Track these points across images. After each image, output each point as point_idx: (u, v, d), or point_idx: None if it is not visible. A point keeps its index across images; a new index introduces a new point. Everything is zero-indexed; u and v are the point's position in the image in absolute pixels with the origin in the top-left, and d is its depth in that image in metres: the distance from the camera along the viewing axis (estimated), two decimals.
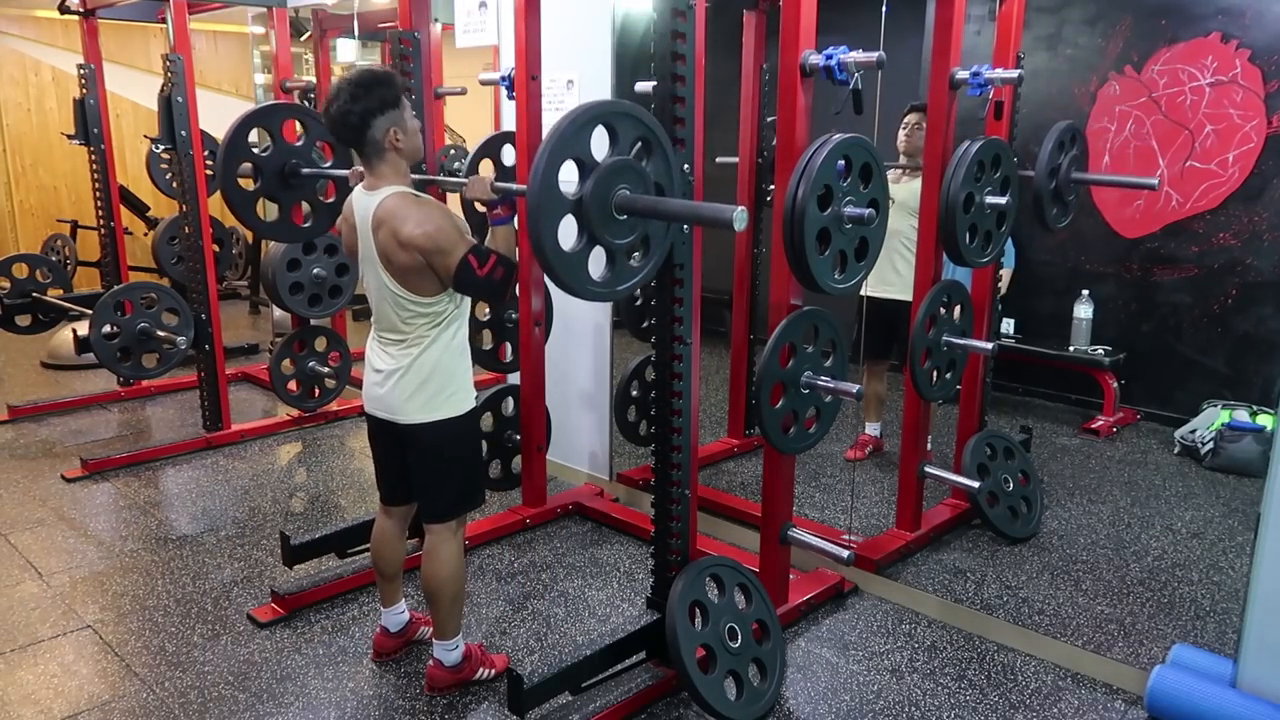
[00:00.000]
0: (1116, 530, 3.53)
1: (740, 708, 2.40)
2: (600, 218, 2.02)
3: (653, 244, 2.17)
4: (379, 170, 2.27)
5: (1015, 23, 3.19)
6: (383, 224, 2.22)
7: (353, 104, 2.18)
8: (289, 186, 3.22)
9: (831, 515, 3.65)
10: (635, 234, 2.11)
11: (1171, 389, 4.55)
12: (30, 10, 7.46)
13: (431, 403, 2.35)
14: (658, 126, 2.13)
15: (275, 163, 3.19)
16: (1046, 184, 3.24)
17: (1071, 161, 3.31)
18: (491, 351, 3.66)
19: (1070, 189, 3.35)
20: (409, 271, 2.23)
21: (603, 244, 2.06)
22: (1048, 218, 3.31)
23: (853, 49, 2.49)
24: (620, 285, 2.14)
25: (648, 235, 2.15)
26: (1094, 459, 4.27)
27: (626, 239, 2.09)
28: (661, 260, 2.23)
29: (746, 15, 3.81)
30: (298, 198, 3.30)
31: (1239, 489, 3.89)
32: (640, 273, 2.17)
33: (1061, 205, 3.36)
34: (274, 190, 3.21)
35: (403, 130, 2.25)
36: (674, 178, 2.17)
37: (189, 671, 2.65)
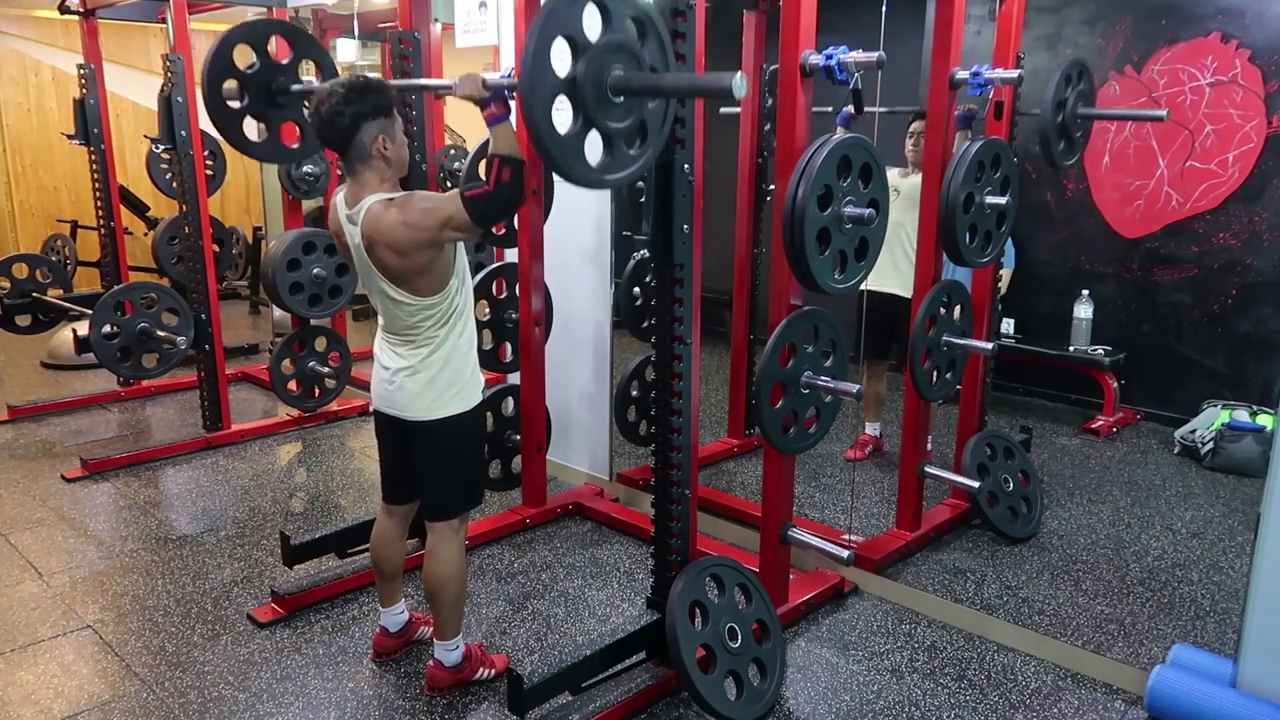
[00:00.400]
0: (1116, 530, 3.53)
1: (740, 708, 2.40)
2: (595, 99, 1.95)
3: (650, 130, 2.10)
4: (362, 177, 2.24)
5: (1015, 23, 3.19)
6: (374, 243, 2.21)
7: (345, 106, 2.17)
8: (276, 105, 3.08)
9: (831, 515, 3.65)
10: (631, 118, 2.03)
11: (1171, 389, 4.55)
12: (30, 10, 7.46)
13: (441, 398, 2.35)
14: (652, 9, 2.06)
15: (262, 80, 3.06)
16: (1053, 119, 3.16)
17: (1078, 96, 3.24)
18: (491, 351, 3.66)
19: (1077, 124, 3.28)
20: (410, 274, 2.23)
21: (599, 127, 1.99)
22: (1054, 154, 3.24)
23: (853, 49, 2.49)
24: (618, 173, 2.06)
25: (644, 121, 2.08)
26: (1094, 459, 4.27)
27: (623, 123, 2.02)
28: (659, 150, 2.16)
29: (746, 15, 3.81)
30: (286, 116, 3.17)
31: (1239, 489, 3.89)
32: (638, 161, 2.10)
33: (1068, 141, 3.29)
34: (261, 109, 3.08)
35: (391, 139, 2.23)
36: (669, 63, 2.09)
37: (189, 671, 2.65)
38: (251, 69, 3.08)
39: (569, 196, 3.71)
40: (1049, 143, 3.21)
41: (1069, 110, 3.23)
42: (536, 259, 3.39)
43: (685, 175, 2.31)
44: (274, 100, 3.07)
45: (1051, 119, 3.17)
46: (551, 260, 3.48)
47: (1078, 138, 3.33)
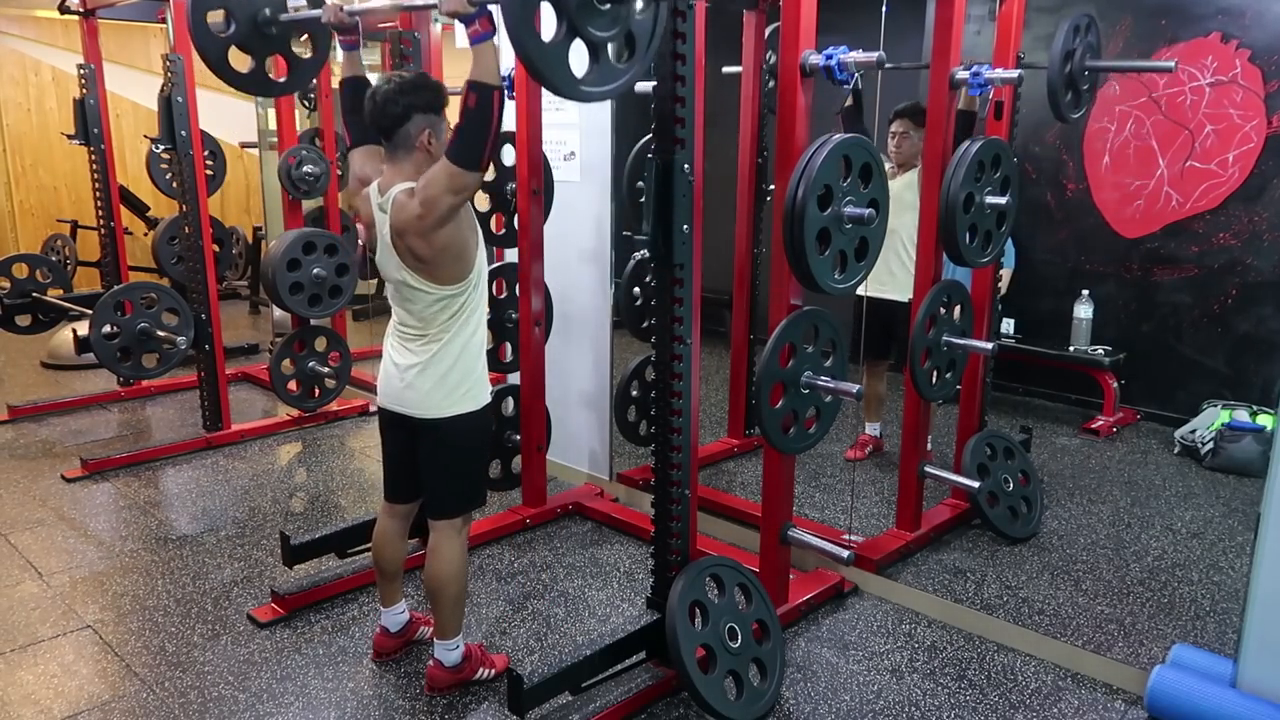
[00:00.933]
0: (1116, 530, 3.53)
1: (740, 708, 2.40)
2: (579, 4, 1.93)
3: (638, 43, 2.08)
4: (400, 166, 2.28)
5: (1015, 23, 3.19)
6: (405, 233, 2.23)
7: (400, 95, 2.23)
8: (263, 35, 2.97)
9: (831, 515, 3.65)
10: (618, 27, 2.01)
11: (1171, 389, 4.55)
12: (30, 10, 7.46)
13: (451, 397, 2.36)
14: None
15: (249, 7, 2.94)
16: (1060, 69, 3.13)
17: (1086, 48, 3.21)
18: (491, 351, 3.66)
19: (1084, 77, 3.25)
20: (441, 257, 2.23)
21: (583, 35, 1.96)
22: (1061, 106, 3.20)
23: (853, 49, 2.49)
24: (606, 85, 2.04)
25: (631, 32, 2.05)
26: (1094, 459, 4.27)
27: (609, 31, 2.00)
28: (647, 63, 2.13)
29: (746, 15, 3.81)
30: (273, 48, 3.06)
31: (1239, 489, 3.89)
32: (627, 74, 2.07)
33: (1075, 94, 3.25)
34: (247, 38, 2.96)
35: (437, 137, 2.28)
36: None
37: (189, 671, 2.65)
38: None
39: (569, 196, 3.72)
40: (1056, 94, 3.16)
41: (1076, 61, 3.19)
42: (536, 259, 3.39)
43: (685, 175, 2.31)
44: (261, 30, 2.95)
45: (1059, 70, 3.12)
46: (551, 260, 3.48)
47: (1085, 90, 3.29)
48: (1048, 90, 3.16)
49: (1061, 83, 3.16)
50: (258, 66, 3.06)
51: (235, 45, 2.98)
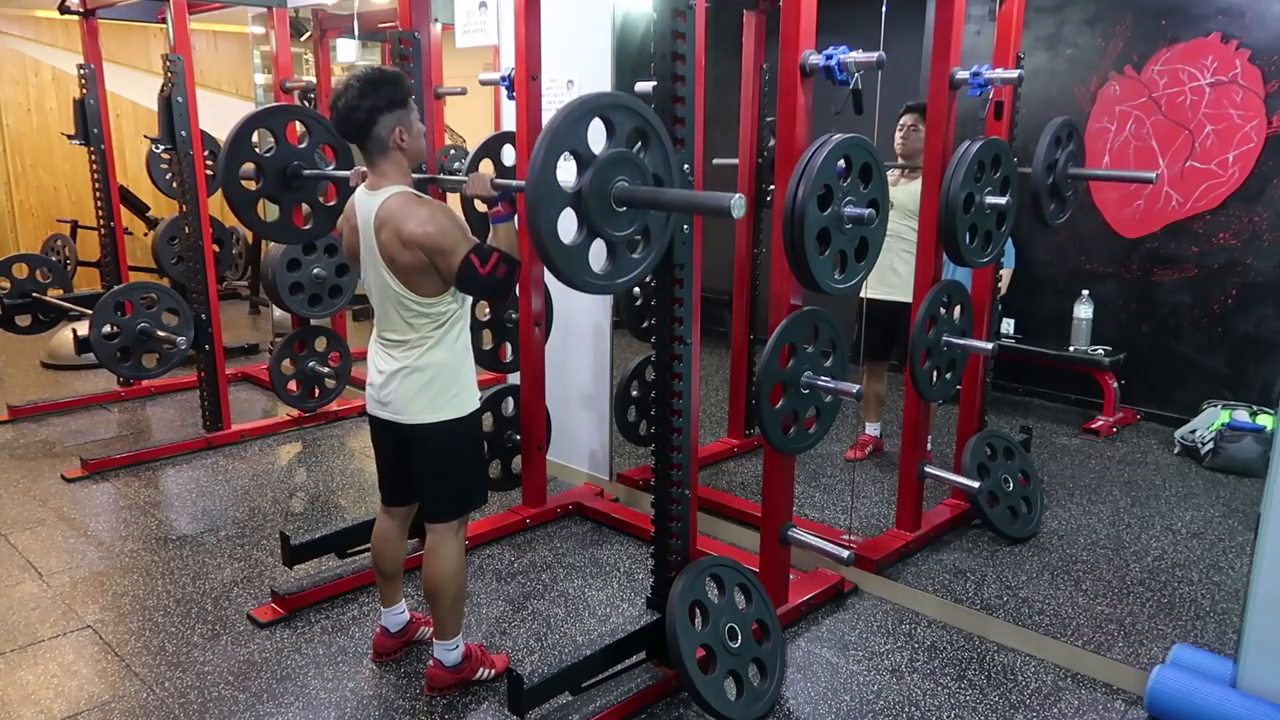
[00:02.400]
0: (1116, 530, 3.53)
1: (740, 708, 2.40)
2: (600, 210, 2.02)
3: (653, 235, 2.16)
4: (382, 169, 2.27)
5: (1015, 23, 3.19)
6: (385, 224, 2.22)
7: (360, 100, 2.19)
8: (290, 188, 3.22)
9: (831, 515, 3.65)
10: (635, 226, 2.10)
11: (1171, 389, 4.55)
12: (30, 10, 7.46)
13: (435, 403, 2.35)
14: (654, 118, 2.13)
15: (277, 164, 3.19)
16: (1044, 179, 3.24)
17: (1069, 157, 3.31)
18: (491, 351, 3.66)
19: (1068, 184, 3.35)
20: (412, 271, 2.23)
21: (603, 236, 2.06)
22: (1045, 214, 3.32)
23: (853, 49, 2.49)
24: (621, 277, 2.14)
25: (647, 227, 2.14)
26: (1094, 459, 4.27)
27: (626, 231, 2.09)
28: (662, 252, 2.22)
29: (746, 15, 3.81)
30: (299, 199, 3.30)
31: (1239, 489, 3.89)
32: (641, 265, 2.16)
33: (1059, 201, 3.37)
34: (275, 191, 3.22)
35: (408, 130, 2.26)
36: (672, 168, 2.16)
37: (189, 671, 2.65)
38: (268, 153, 3.19)
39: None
40: (1041, 203, 3.28)
41: (1059, 171, 3.30)
42: (536, 259, 3.39)
43: (685, 175, 2.31)
44: (288, 183, 3.21)
45: (1043, 180, 3.24)
46: None
47: (1068, 196, 3.41)
48: (1031, 200, 3.27)
49: (1046, 191, 3.27)
50: (283, 216, 3.33)
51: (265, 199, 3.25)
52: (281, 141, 3.24)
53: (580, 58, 3.62)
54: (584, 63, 3.61)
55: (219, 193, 3.43)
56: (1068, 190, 3.37)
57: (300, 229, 3.49)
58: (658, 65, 2.28)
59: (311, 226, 3.47)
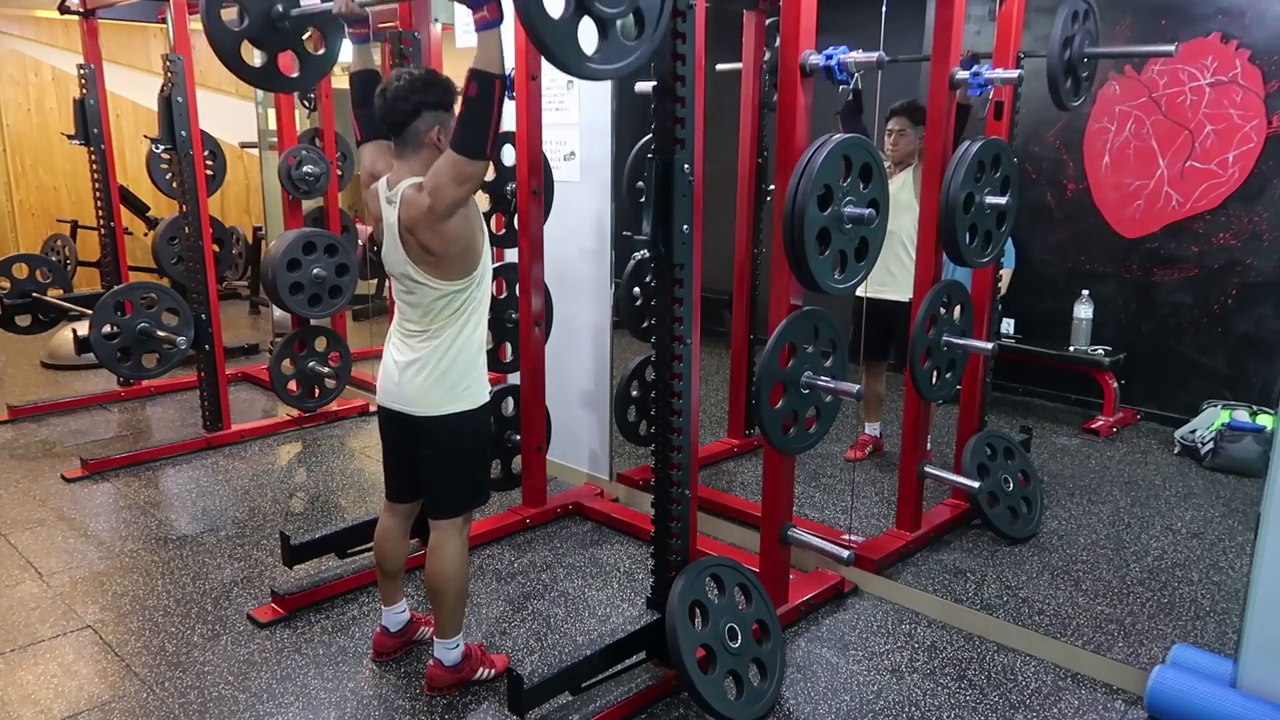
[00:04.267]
0: (1116, 530, 3.53)
1: (740, 708, 2.40)
2: None
3: (646, 20, 2.07)
4: (409, 162, 2.30)
5: (1015, 23, 3.19)
6: (415, 226, 2.24)
7: (410, 93, 2.24)
8: (276, 30, 2.98)
9: (831, 515, 3.65)
10: (626, 3, 2.00)
11: (1171, 389, 4.55)
12: (30, 10, 7.46)
13: (449, 395, 2.36)
14: None
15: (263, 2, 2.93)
16: (1060, 56, 3.13)
17: (1085, 35, 3.22)
18: (491, 351, 3.66)
19: (1084, 64, 3.26)
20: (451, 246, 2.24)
21: (591, 12, 1.95)
22: (1062, 94, 3.20)
23: (853, 49, 2.49)
24: (615, 63, 2.02)
25: (640, 8, 2.05)
26: (1094, 459, 4.27)
27: (617, 7, 1.99)
28: (658, 40, 2.12)
29: (746, 15, 3.81)
30: (285, 44, 3.06)
31: (1239, 489, 3.89)
32: (635, 52, 2.06)
33: (1075, 81, 3.25)
34: (260, 33, 2.97)
35: (445, 133, 2.29)
36: None
37: (189, 671, 2.65)
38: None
39: (569, 197, 3.72)
40: (1056, 82, 3.16)
41: (1076, 48, 3.19)
42: (536, 259, 3.39)
43: (685, 175, 2.31)
44: (274, 25, 2.97)
45: (1058, 57, 3.12)
46: (551, 260, 3.48)
47: (1084, 78, 3.29)
48: (1048, 77, 3.15)
49: (1061, 69, 3.16)
50: (269, 62, 3.08)
51: (248, 40, 2.99)
52: None
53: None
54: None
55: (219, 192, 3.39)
56: (1084, 71, 3.26)
57: (289, 78, 3.30)
58: (658, 65, 2.28)
59: (300, 76, 3.25)
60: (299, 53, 3.12)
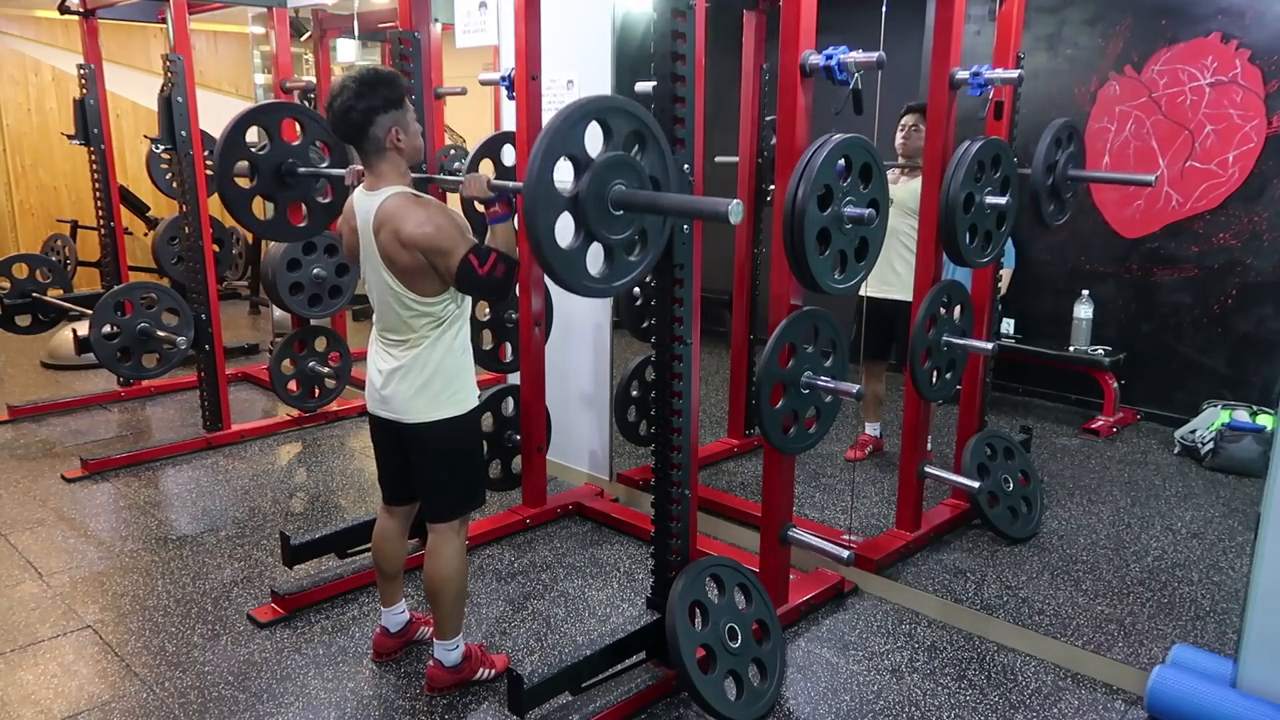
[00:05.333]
0: (1116, 530, 3.53)
1: (740, 708, 2.40)
2: (597, 214, 2.02)
3: (650, 238, 2.16)
4: (379, 170, 2.27)
5: (1015, 23, 3.19)
6: (384, 225, 2.22)
7: (356, 100, 2.18)
8: (286, 186, 3.21)
9: (831, 515, 3.65)
10: (632, 229, 2.10)
11: (1171, 389, 4.55)
12: (30, 10, 7.46)
13: (435, 401, 2.35)
14: (652, 121, 2.12)
15: (272, 161, 3.18)
16: (1044, 181, 3.24)
17: (1069, 159, 3.31)
18: (491, 351, 3.66)
19: (1068, 186, 3.35)
20: (411, 272, 2.23)
21: (600, 240, 2.06)
22: (1045, 215, 3.31)
23: (853, 49, 2.49)
24: (618, 280, 2.13)
25: (645, 230, 2.14)
26: (1094, 459, 4.27)
27: (624, 234, 2.08)
28: (659, 254, 2.22)
29: (746, 15, 3.81)
30: (294, 197, 3.29)
31: (1239, 489, 3.89)
32: (638, 267, 2.16)
33: (1058, 202, 3.36)
34: (271, 189, 3.20)
35: (404, 130, 2.25)
36: (669, 171, 2.16)
37: (189, 671, 2.65)
38: (262, 150, 3.15)
39: None
40: (1040, 204, 3.27)
41: (1059, 172, 3.29)
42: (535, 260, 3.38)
43: (685, 175, 2.31)
44: (283, 181, 3.18)
45: (1042, 181, 3.24)
46: None
47: (1068, 198, 3.40)
48: (1030, 201, 3.26)
49: (1046, 193, 3.26)
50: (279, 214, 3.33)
51: (261, 196, 3.24)
52: (276, 139, 3.24)
53: (580, 58, 3.62)
54: (584, 63, 3.61)
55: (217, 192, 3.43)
56: (1067, 192, 3.37)
57: (297, 227, 3.47)
58: (658, 65, 2.28)
59: (308, 224, 3.46)
60: (309, 203, 3.36)
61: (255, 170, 3.17)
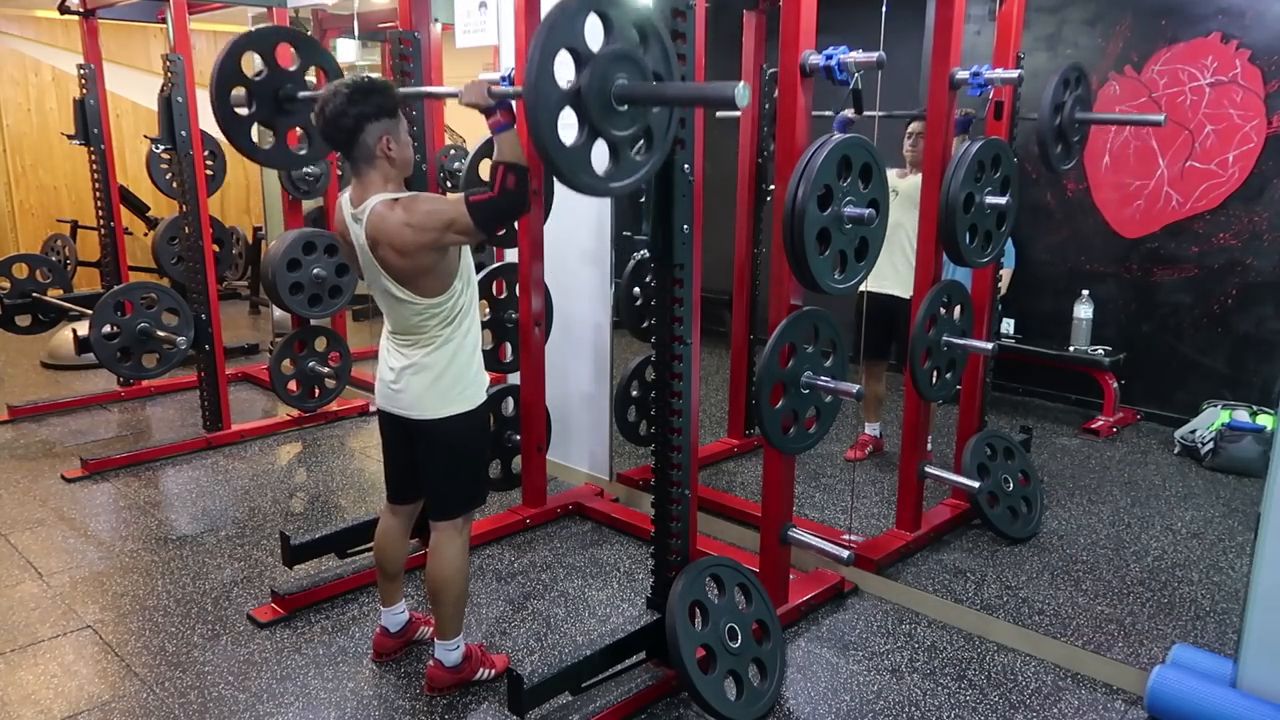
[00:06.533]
0: (1116, 530, 3.53)
1: (740, 708, 2.40)
2: (600, 109, 1.95)
3: (655, 136, 2.10)
4: (367, 178, 2.25)
5: (1015, 23, 3.19)
6: (379, 243, 2.21)
7: (349, 106, 2.17)
8: (284, 111, 3.12)
9: (831, 515, 3.65)
10: (637, 125, 2.04)
11: (1171, 389, 4.55)
12: (30, 10, 7.46)
13: (445, 397, 2.36)
14: (653, 14, 2.06)
15: (270, 87, 3.08)
16: (1051, 123, 3.17)
17: (1076, 100, 3.25)
18: (491, 351, 3.66)
19: (1075, 129, 3.30)
20: (418, 275, 2.23)
21: (604, 136, 1.99)
22: (1052, 159, 3.25)
23: (853, 49, 2.49)
24: (625, 179, 2.06)
25: (649, 127, 2.08)
26: (1094, 459, 4.27)
27: (628, 130, 2.02)
28: (665, 155, 2.16)
29: (746, 15, 3.81)
30: (292, 123, 3.20)
31: (1239, 489, 3.89)
32: (644, 167, 2.09)
33: (1065, 145, 3.30)
34: (269, 115, 3.11)
35: (396, 140, 2.23)
36: (672, 67, 2.09)
37: (189, 671, 2.65)
38: (259, 76, 3.12)
39: (569, 197, 3.71)
40: (1047, 147, 3.21)
41: (1066, 114, 3.24)
42: (536, 259, 3.39)
43: (685, 175, 2.31)
44: (281, 107, 3.11)
45: (1049, 123, 3.18)
46: (551, 260, 3.47)
47: (1075, 142, 3.34)
48: (1038, 144, 3.21)
49: (1052, 136, 3.21)
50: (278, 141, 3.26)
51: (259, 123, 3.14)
52: (273, 65, 3.14)
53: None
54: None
55: (219, 192, 3.42)
56: (1074, 135, 3.30)
57: (297, 154, 3.41)
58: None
59: (307, 151, 3.39)
60: (306, 129, 3.28)
61: (252, 97, 3.08)
